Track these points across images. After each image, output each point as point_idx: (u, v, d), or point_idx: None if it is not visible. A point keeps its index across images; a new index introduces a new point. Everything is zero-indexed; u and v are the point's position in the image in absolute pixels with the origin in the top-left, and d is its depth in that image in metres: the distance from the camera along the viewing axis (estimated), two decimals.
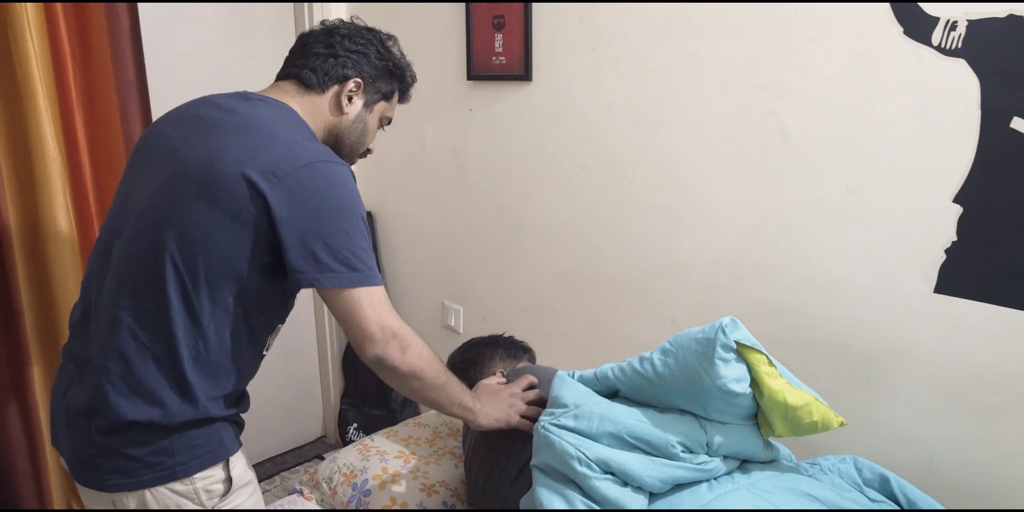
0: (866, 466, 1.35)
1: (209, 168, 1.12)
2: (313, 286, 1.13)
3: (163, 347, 1.16)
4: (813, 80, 1.51)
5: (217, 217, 1.12)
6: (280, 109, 1.24)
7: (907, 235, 1.45)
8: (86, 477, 1.21)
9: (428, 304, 2.49)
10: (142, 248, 1.16)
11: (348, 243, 1.13)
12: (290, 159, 1.12)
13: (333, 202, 1.13)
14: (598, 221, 1.94)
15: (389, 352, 1.15)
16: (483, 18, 2.06)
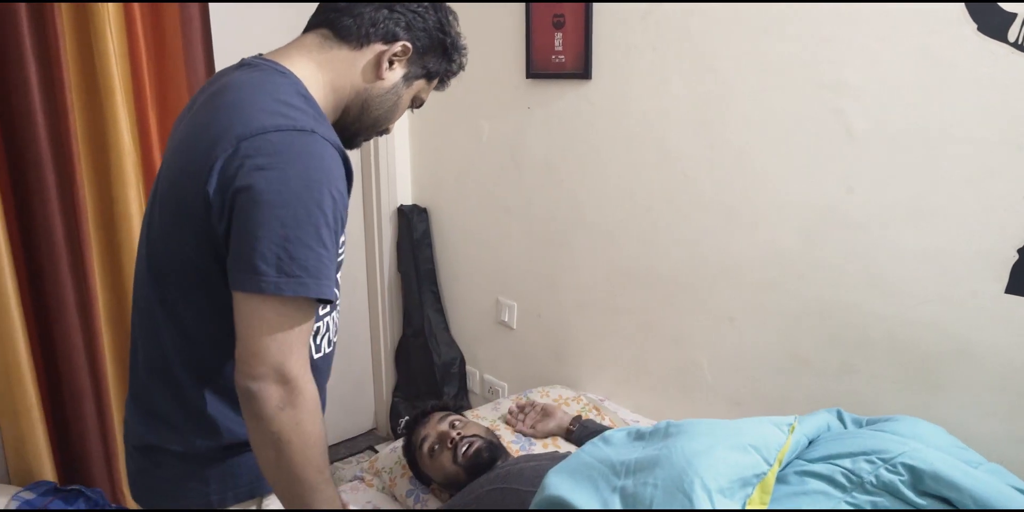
0: (928, 473, 1.11)
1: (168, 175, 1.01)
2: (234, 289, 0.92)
3: (170, 370, 1.05)
4: (881, 78, 1.50)
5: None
6: (269, 77, 1.01)
7: (977, 235, 1.43)
8: (136, 492, 1.16)
9: (482, 300, 2.52)
10: (148, 266, 1.06)
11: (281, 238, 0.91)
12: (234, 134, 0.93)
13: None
14: (655, 219, 1.95)
15: (262, 394, 0.91)
16: (543, 17, 2.08)
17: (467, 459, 1.59)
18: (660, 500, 1.01)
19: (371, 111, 1.12)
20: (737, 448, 1.09)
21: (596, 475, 1.11)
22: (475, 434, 1.64)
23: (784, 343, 1.76)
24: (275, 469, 0.94)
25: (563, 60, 2.07)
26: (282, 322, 0.90)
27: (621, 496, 1.05)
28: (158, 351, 1.05)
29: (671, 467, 1.04)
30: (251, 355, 0.90)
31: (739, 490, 1.05)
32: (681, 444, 1.09)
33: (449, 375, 2.64)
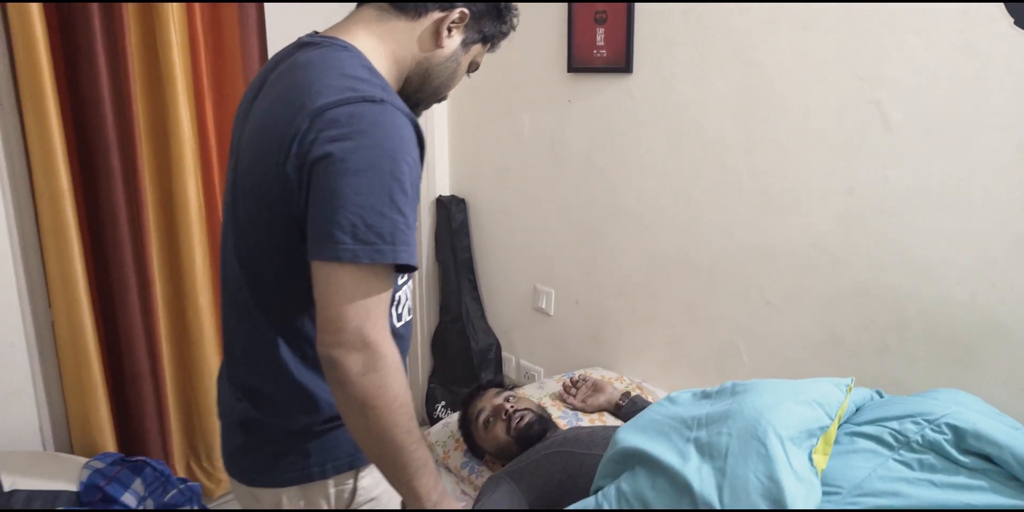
0: (970, 433, 1.20)
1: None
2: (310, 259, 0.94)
3: (267, 349, 1.08)
4: (917, 70, 1.58)
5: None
6: (333, 53, 1.03)
7: (1010, 219, 1.51)
8: (232, 467, 1.19)
9: (520, 287, 2.61)
10: (235, 251, 1.09)
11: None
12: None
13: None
14: (694, 207, 2.03)
15: (344, 361, 0.91)
16: (586, 14, 2.17)
17: (519, 431, 1.68)
18: (736, 448, 1.10)
19: (432, 79, 1.13)
20: (802, 403, 1.17)
21: (668, 429, 1.20)
22: (527, 408, 1.72)
23: (820, 325, 1.84)
24: (365, 434, 0.95)
25: (604, 54, 2.15)
26: (360, 289, 0.90)
27: (696, 446, 1.14)
28: (255, 337, 1.08)
29: (743, 419, 1.13)
30: (331, 323, 0.91)
31: (805, 440, 1.13)
32: (751, 399, 1.17)
33: (486, 361, 2.72)
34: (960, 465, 1.17)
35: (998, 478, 1.15)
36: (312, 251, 0.92)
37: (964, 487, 1.14)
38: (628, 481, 1.18)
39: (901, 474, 1.17)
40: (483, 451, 1.77)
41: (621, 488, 1.17)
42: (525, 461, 1.55)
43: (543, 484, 1.47)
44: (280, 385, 1.07)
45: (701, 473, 1.10)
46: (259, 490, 1.13)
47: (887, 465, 1.19)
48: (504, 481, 1.51)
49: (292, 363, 1.06)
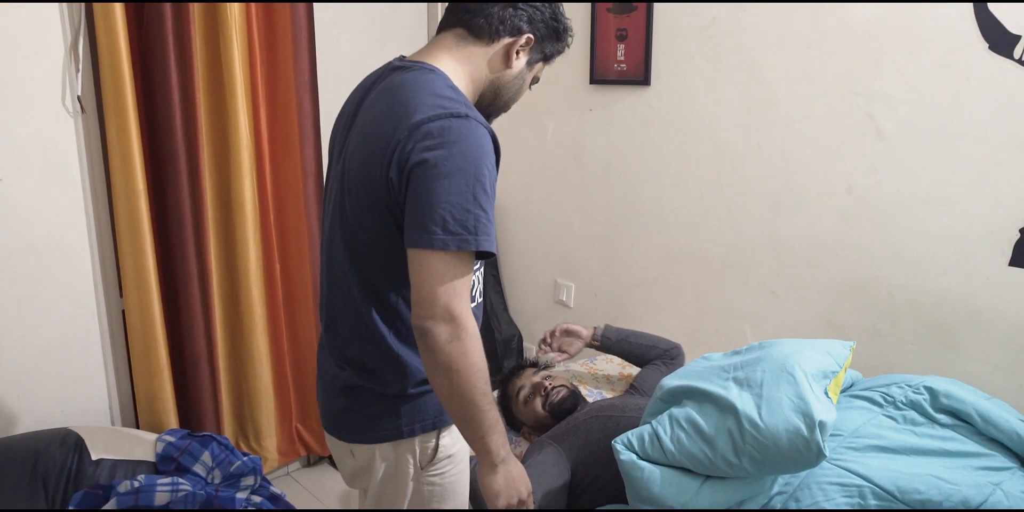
0: (943, 393, 1.50)
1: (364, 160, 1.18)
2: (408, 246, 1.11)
3: (368, 326, 1.24)
4: (906, 87, 1.80)
5: (369, 204, 1.17)
6: (424, 72, 1.20)
7: (985, 218, 1.73)
8: (332, 427, 1.36)
9: (541, 281, 2.82)
10: (337, 234, 1.26)
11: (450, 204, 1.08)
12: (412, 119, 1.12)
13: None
14: (706, 207, 2.25)
15: (435, 331, 1.08)
16: (607, 30, 2.38)
17: (553, 405, 1.89)
18: (769, 379, 1.35)
19: (503, 95, 1.30)
20: (819, 352, 1.43)
21: (709, 374, 1.44)
22: (563, 384, 1.93)
23: (820, 313, 2.05)
24: (448, 395, 1.11)
25: (624, 68, 2.36)
26: (448, 271, 1.07)
27: (735, 381, 1.38)
28: (357, 316, 1.25)
29: (773, 361, 1.38)
30: (424, 299, 1.07)
31: (821, 379, 1.39)
32: (777, 348, 1.43)
33: (509, 350, 2.93)
34: (936, 421, 1.41)
35: (966, 433, 1.40)
36: (409, 240, 1.10)
37: (939, 437, 1.38)
38: (678, 410, 1.40)
39: (889, 425, 1.42)
40: (521, 424, 1.98)
41: (672, 414, 1.41)
42: (565, 426, 1.77)
43: (583, 445, 1.68)
44: (379, 356, 1.25)
45: (742, 398, 1.35)
46: (356, 446, 1.31)
47: (877, 419, 1.42)
48: (548, 444, 1.72)
49: (389, 337, 1.24)
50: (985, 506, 1.29)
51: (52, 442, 1.92)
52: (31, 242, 2.00)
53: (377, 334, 1.24)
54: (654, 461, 1.40)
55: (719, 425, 1.36)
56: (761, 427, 1.31)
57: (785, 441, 1.30)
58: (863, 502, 1.33)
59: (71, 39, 1.97)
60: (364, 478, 1.36)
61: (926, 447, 1.39)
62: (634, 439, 1.43)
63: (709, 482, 1.38)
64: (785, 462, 1.31)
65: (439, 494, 1.34)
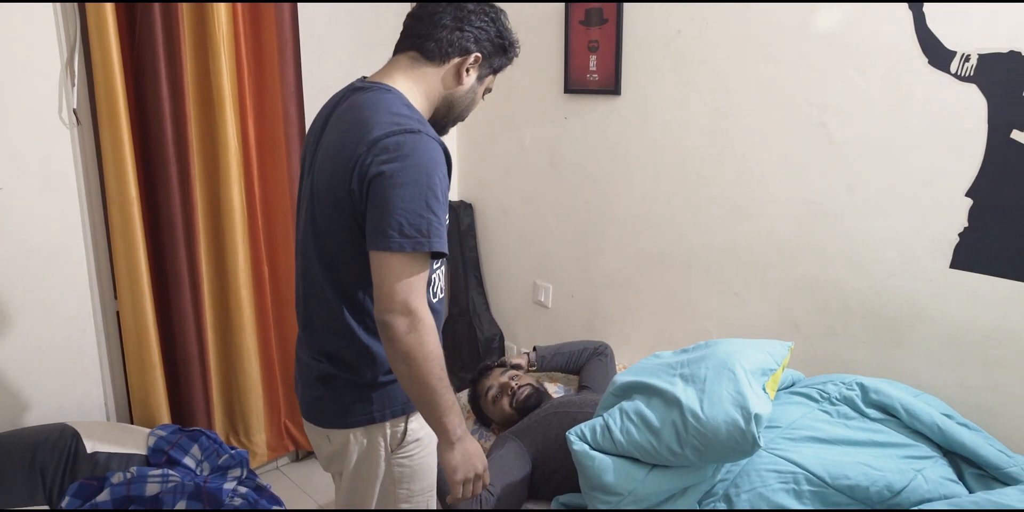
0: (872, 389, 1.63)
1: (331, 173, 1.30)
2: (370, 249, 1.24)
3: (340, 322, 1.37)
4: (855, 99, 1.90)
5: (341, 210, 1.29)
6: (377, 94, 1.32)
7: (929, 222, 1.83)
8: (310, 414, 1.48)
9: (521, 283, 2.92)
10: (312, 252, 1.38)
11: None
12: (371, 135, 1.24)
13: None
14: (673, 212, 2.35)
15: (395, 324, 1.20)
16: (580, 42, 2.48)
17: (519, 403, 1.99)
18: (712, 375, 1.46)
19: (456, 108, 1.44)
20: (758, 351, 1.54)
21: (658, 371, 1.55)
22: (528, 383, 2.04)
23: (780, 313, 2.15)
24: (408, 380, 1.25)
25: (596, 78, 2.47)
26: (404, 270, 1.20)
27: (681, 377, 1.49)
28: (330, 314, 1.38)
29: (716, 359, 1.49)
30: (384, 296, 1.21)
31: (760, 376, 1.50)
32: (721, 347, 1.54)
33: (491, 349, 3.04)
34: (866, 415, 1.52)
35: (893, 426, 1.50)
36: (370, 244, 1.23)
37: (869, 430, 1.49)
38: (628, 403, 1.51)
39: (824, 419, 1.52)
40: (491, 421, 2.09)
41: (623, 407, 1.52)
42: (527, 422, 1.87)
43: (543, 440, 1.79)
44: (351, 349, 1.38)
45: (686, 392, 1.47)
46: (332, 431, 1.44)
47: (813, 413, 1.53)
48: (510, 439, 1.83)
49: (359, 331, 1.37)
50: (907, 490, 1.40)
51: (50, 436, 2.03)
52: (30, 247, 2.11)
53: (349, 329, 1.36)
54: (605, 451, 1.51)
55: (665, 417, 1.46)
56: (703, 419, 1.42)
57: (724, 432, 1.40)
58: (797, 487, 1.43)
59: (67, 55, 2.08)
60: (339, 461, 1.48)
61: (857, 438, 1.50)
62: (586, 431, 1.54)
63: (655, 470, 1.49)
64: (724, 451, 1.42)
65: (408, 475, 1.47)
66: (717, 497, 1.50)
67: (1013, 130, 1.67)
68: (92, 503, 1.89)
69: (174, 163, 2.27)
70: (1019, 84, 1.64)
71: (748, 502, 1.46)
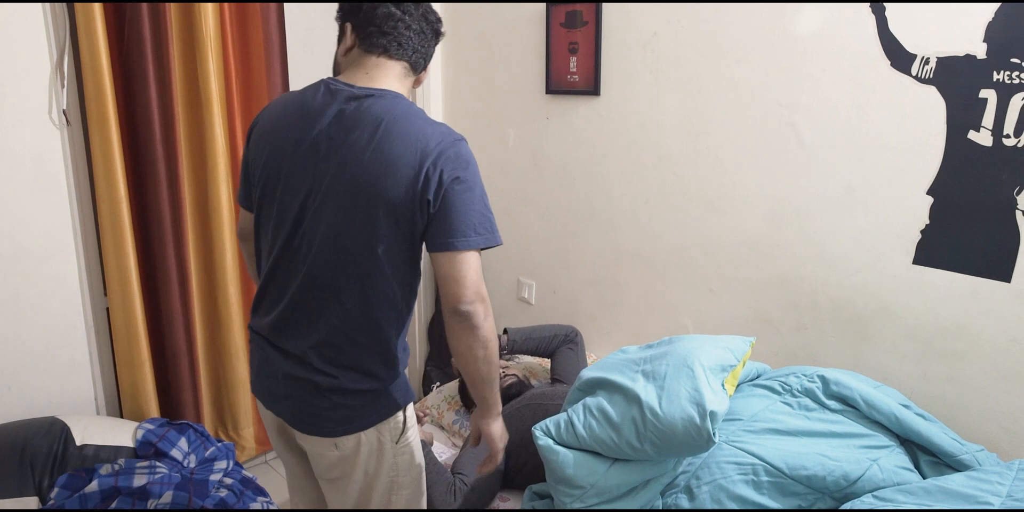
0: (832, 381, 1.69)
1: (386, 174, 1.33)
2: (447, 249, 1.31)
3: (373, 331, 1.39)
4: (823, 99, 1.95)
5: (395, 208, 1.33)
6: (395, 100, 1.39)
7: (892, 220, 1.88)
8: (311, 427, 1.45)
9: (505, 279, 2.98)
10: (344, 249, 1.36)
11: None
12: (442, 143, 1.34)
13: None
14: (651, 209, 2.40)
15: (478, 311, 1.31)
16: (560, 44, 2.54)
17: (501, 391, 2.05)
18: (671, 373, 1.51)
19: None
20: (719, 348, 1.59)
21: (622, 366, 1.60)
22: (513, 374, 2.09)
23: (752, 308, 2.21)
24: (484, 362, 1.35)
25: (576, 79, 2.52)
26: (476, 264, 1.33)
27: (643, 373, 1.54)
28: (361, 324, 1.38)
29: (676, 356, 1.54)
30: (466, 289, 1.30)
31: (720, 372, 1.54)
32: (682, 344, 1.59)
33: None
34: (826, 406, 1.57)
35: (853, 417, 1.55)
36: (445, 245, 1.30)
37: (829, 420, 1.54)
38: (591, 399, 1.57)
39: (785, 410, 1.57)
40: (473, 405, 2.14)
41: (586, 403, 1.57)
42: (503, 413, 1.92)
43: (515, 432, 1.84)
44: (378, 356, 1.41)
45: (646, 389, 1.52)
46: (341, 438, 1.44)
47: (775, 405, 1.58)
48: None
49: (391, 337, 1.41)
50: (863, 480, 1.45)
51: (40, 429, 2.08)
52: (21, 245, 2.16)
53: (382, 336, 1.41)
54: (568, 445, 1.56)
55: (625, 413, 1.52)
56: (660, 415, 1.47)
57: (680, 428, 1.46)
58: (756, 479, 1.49)
59: (56, 57, 2.13)
60: (345, 465, 1.49)
61: (816, 429, 1.55)
62: (551, 425, 1.59)
63: (617, 464, 1.54)
64: (681, 447, 1.47)
65: (406, 462, 1.54)
66: (679, 489, 1.56)
67: (970, 130, 1.72)
68: (81, 494, 1.95)
69: (163, 163, 2.32)
70: (975, 86, 1.70)
71: (709, 494, 1.51)
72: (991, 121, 1.69)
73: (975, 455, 1.54)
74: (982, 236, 1.75)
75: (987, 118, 1.69)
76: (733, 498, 1.49)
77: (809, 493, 1.48)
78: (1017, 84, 1.64)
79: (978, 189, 1.73)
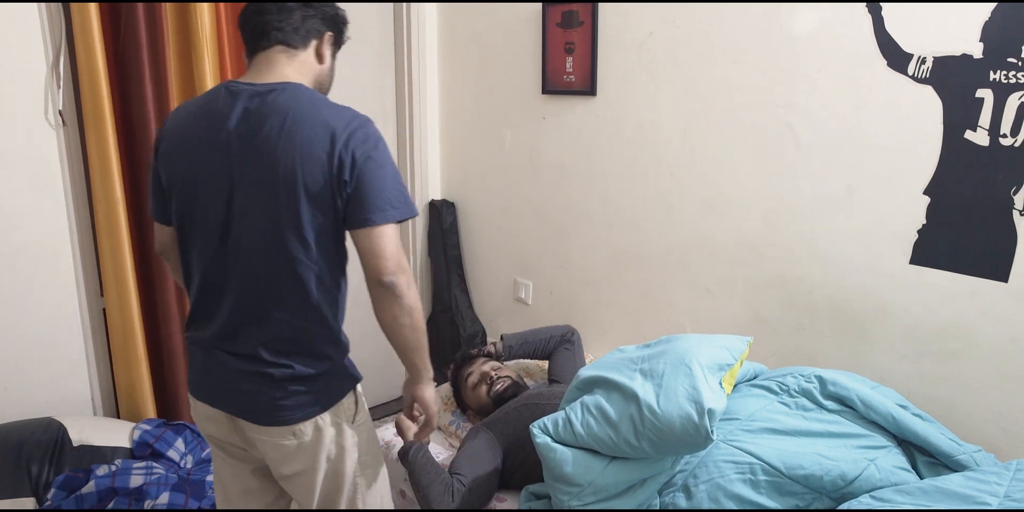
0: (829, 381, 1.69)
1: (301, 163, 1.35)
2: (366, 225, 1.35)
3: (318, 315, 1.44)
4: (819, 100, 1.95)
5: (318, 198, 1.36)
6: (297, 90, 1.39)
7: (889, 220, 1.88)
8: (267, 419, 1.46)
9: (502, 280, 2.98)
10: (276, 242, 1.38)
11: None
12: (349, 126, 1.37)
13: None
14: (647, 210, 2.40)
15: (400, 281, 1.36)
16: (557, 44, 2.54)
17: (496, 393, 2.05)
18: (669, 371, 1.52)
19: (324, 86, 1.54)
20: (716, 347, 1.59)
21: (620, 365, 1.60)
22: (507, 376, 2.09)
23: (750, 308, 2.21)
24: (412, 329, 1.41)
25: (573, 79, 2.52)
26: (395, 236, 1.38)
27: (641, 372, 1.54)
28: (299, 304, 1.41)
29: (674, 355, 1.55)
30: (387, 260, 1.35)
31: (717, 371, 1.55)
32: (680, 343, 1.59)
33: (473, 346, 3.08)
34: (824, 407, 1.57)
35: (850, 417, 1.55)
36: (364, 221, 1.34)
37: (826, 421, 1.54)
38: (589, 398, 1.57)
39: (782, 410, 1.57)
40: (467, 407, 2.14)
41: (584, 401, 1.57)
42: (499, 414, 1.93)
43: (513, 431, 1.84)
44: (324, 338, 1.46)
45: (644, 387, 1.53)
46: (299, 425, 1.46)
47: (772, 405, 1.58)
48: (483, 431, 1.88)
49: (330, 318, 1.46)
50: (860, 479, 1.45)
51: (36, 430, 2.08)
52: (17, 245, 2.16)
53: (324, 319, 1.45)
54: (566, 443, 1.56)
55: (623, 411, 1.52)
56: (658, 413, 1.47)
57: (679, 426, 1.46)
58: (754, 478, 1.49)
59: (52, 58, 2.13)
60: (305, 455, 1.50)
61: (813, 429, 1.55)
62: (549, 424, 1.59)
63: (614, 462, 1.54)
64: (679, 445, 1.47)
65: (365, 440, 1.57)
66: (676, 487, 1.56)
67: (966, 130, 1.72)
68: (77, 495, 1.94)
69: None
70: (971, 86, 1.70)
71: (706, 492, 1.51)
72: (988, 121, 1.69)
73: (972, 455, 1.54)
74: (979, 236, 1.75)
75: (984, 118, 1.69)
76: (730, 497, 1.49)
77: (806, 493, 1.48)
78: (1014, 84, 1.64)
79: (975, 189, 1.73)
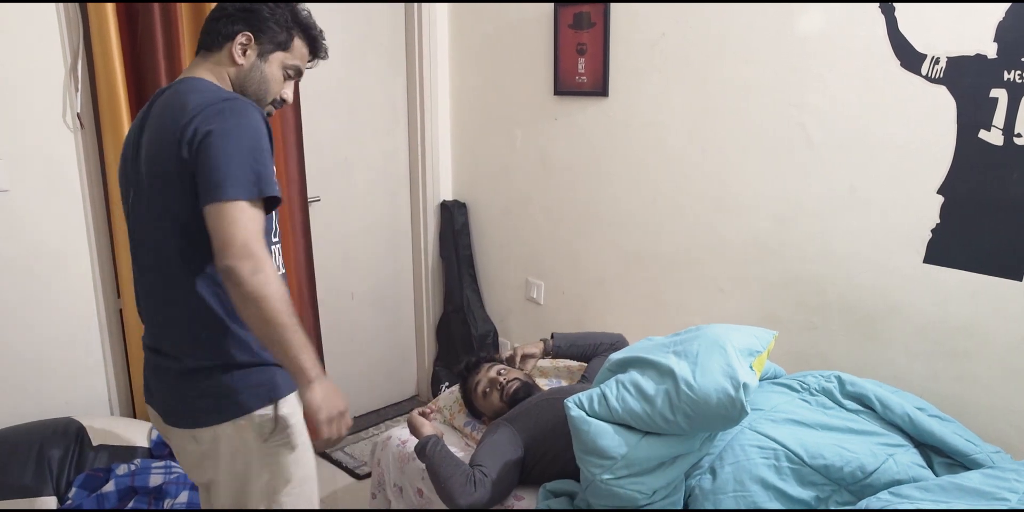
0: (848, 381, 1.74)
1: (156, 153, 1.34)
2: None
3: (204, 309, 1.37)
4: (832, 100, 1.97)
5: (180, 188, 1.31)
6: (187, 83, 1.40)
7: (902, 219, 1.89)
8: (173, 418, 1.44)
9: (514, 280, 2.99)
10: (156, 235, 1.38)
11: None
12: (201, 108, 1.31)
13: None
14: (658, 210, 2.42)
15: (239, 267, 1.21)
16: (569, 45, 2.55)
17: (510, 396, 2.06)
18: (703, 351, 1.56)
19: (248, 87, 1.47)
20: (746, 334, 1.65)
21: (652, 349, 1.65)
22: (516, 377, 2.11)
23: (762, 307, 2.22)
24: (260, 321, 1.24)
25: (585, 80, 2.53)
26: (241, 217, 1.24)
27: (674, 353, 1.58)
28: (187, 299, 1.37)
29: (707, 338, 1.60)
30: (225, 243, 1.22)
31: (747, 356, 1.58)
32: (711, 330, 1.65)
33: (484, 345, 3.10)
34: (843, 406, 1.60)
35: (868, 417, 1.58)
36: (206, 199, 1.25)
37: (846, 418, 1.59)
38: (624, 375, 1.61)
39: (803, 406, 1.63)
40: (482, 414, 2.16)
41: (619, 378, 1.61)
42: (519, 410, 1.94)
43: (535, 425, 1.86)
44: (215, 333, 1.38)
45: (680, 364, 1.56)
46: (198, 431, 1.41)
47: (793, 401, 1.62)
48: (503, 425, 1.90)
49: (218, 309, 1.38)
50: (879, 472, 1.47)
51: (56, 430, 2.10)
52: (36, 247, 2.18)
53: (214, 313, 1.37)
54: (600, 418, 1.59)
55: (659, 386, 1.55)
56: (695, 387, 1.50)
57: (715, 400, 1.49)
58: (777, 463, 1.53)
59: (70, 62, 2.15)
60: (208, 464, 1.46)
61: (834, 424, 1.58)
62: (584, 399, 1.62)
63: (647, 437, 1.57)
64: (714, 418, 1.50)
65: (281, 464, 1.45)
66: (703, 469, 1.59)
67: (980, 130, 1.73)
68: (98, 494, 1.97)
69: None
70: (985, 86, 1.71)
71: (732, 474, 1.55)
72: (1002, 120, 1.70)
73: (989, 455, 1.56)
74: (993, 235, 1.76)
75: (998, 117, 1.70)
76: (755, 480, 1.52)
77: (826, 484, 1.51)
78: None
79: (989, 188, 1.75)
